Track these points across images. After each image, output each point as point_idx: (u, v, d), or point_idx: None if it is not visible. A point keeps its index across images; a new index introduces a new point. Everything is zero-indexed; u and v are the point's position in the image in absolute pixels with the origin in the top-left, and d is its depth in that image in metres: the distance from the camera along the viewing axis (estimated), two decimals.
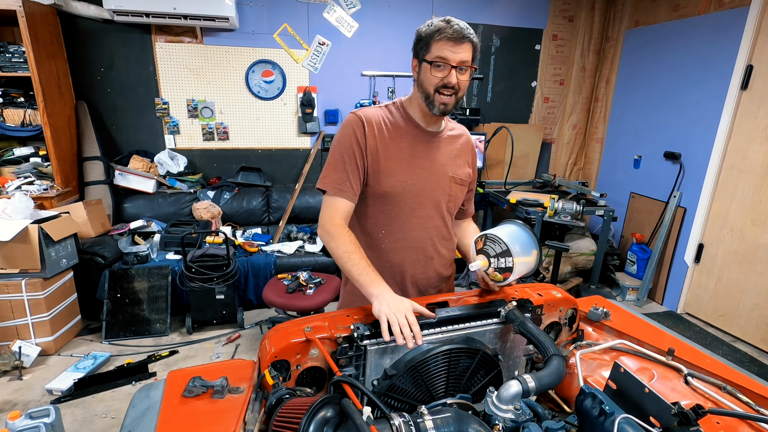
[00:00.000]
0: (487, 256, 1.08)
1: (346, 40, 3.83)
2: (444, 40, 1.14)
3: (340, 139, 1.25)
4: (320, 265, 3.33)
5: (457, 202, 1.37)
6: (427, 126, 1.30)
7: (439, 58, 1.15)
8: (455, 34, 1.13)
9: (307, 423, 0.72)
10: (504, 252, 1.05)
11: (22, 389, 2.40)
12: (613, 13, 4.21)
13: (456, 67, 1.15)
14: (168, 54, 3.56)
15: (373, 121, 1.25)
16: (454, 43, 1.14)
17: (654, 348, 1.10)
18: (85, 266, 2.94)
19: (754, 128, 2.98)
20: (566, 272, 3.86)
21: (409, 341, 0.91)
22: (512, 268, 1.04)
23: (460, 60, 1.14)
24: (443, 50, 1.14)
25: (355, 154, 1.23)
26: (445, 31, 1.14)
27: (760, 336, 3.01)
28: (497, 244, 1.07)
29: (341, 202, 1.22)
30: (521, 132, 4.24)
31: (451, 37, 1.14)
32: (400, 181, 1.25)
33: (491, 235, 1.08)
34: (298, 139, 4.00)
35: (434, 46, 1.15)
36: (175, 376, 0.97)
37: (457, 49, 1.14)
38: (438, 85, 1.17)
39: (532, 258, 1.08)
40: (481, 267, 1.09)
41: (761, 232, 2.97)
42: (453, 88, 1.17)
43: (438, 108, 1.20)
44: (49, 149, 3.09)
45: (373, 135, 1.24)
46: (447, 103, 1.19)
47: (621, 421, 0.73)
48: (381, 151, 1.24)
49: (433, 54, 1.16)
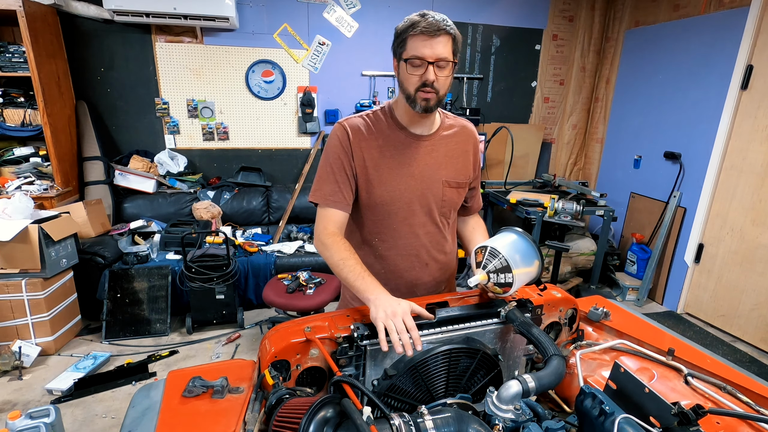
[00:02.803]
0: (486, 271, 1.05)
1: (346, 40, 3.83)
2: (418, 35, 1.09)
3: (328, 151, 1.25)
4: (320, 265, 3.33)
5: (453, 205, 1.33)
6: (416, 129, 1.25)
7: (414, 56, 1.10)
8: (429, 27, 1.07)
9: (307, 423, 0.72)
10: (504, 268, 1.02)
11: (22, 389, 2.40)
12: (613, 13, 4.21)
13: (433, 63, 1.10)
14: (168, 54, 3.56)
15: (359, 131, 1.23)
16: (429, 37, 1.08)
17: (654, 348, 1.10)
18: (85, 266, 2.94)
19: (754, 128, 2.98)
20: (566, 272, 3.86)
21: (407, 348, 0.89)
22: (512, 284, 1.02)
23: (436, 56, 1.09)
24: (418, 46, 1.09)
25: (344, 164, 1.22)
26: (419, 25, 1.08)
27: (760, 336, 3.01)
28: (497, 259, 1.03)
29: (334, 212, 1.21)
30: (521, 132, 4.24)
31: (424, 31, 1.08)
32: (388, 191, 1.23)
33: (491, 249, 1.05)
34: (298, 139, 4.00)
35: (409, 42, 1.10)
36: (175, 376, 0.97)
37: (432, 44, 1.08)
38: (417, 84, 1.12)
39: (533, 269, 1.06)
40: (481, 282, 1.06)
41: (761, 232, 2.97)
42: (433, 86, 1.11)
43: (420, 105, 1.14)
44: (49, 149, 3.09)
45: (359, 146, 1.22)
46: (429, 99, 1.13)
47: (621, 421, 0.73)
48: (368, 162, 1.22)
49: (409, 51, 1.11)
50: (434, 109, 1.18)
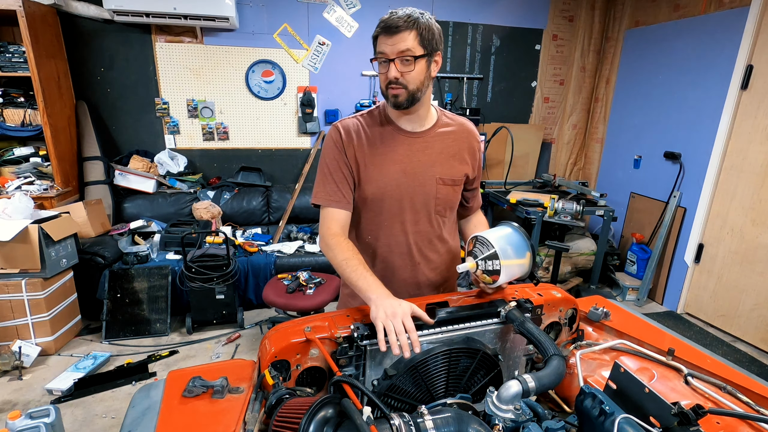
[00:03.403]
0: (475, 258, 1.08)
1: (346, 40, 3.83)
2: (381, 34, 1.12)
3: (324, 153, 1.27)
4: (320, 265, 3.33)
5: (449, 203, 1.32)
6: (405, 124, 1.26)
7: (379, 54, 1.13)
8: (389, 24, 1.09)
9: (307, 423, 0.72)
10: (491, 255, 1.04)
11: (22, 389, 2.40)
12: (613, 13, 4.21)
13: (393, 60, 1.11)
14: (168, 54, 3.56)
15: (351, 130, 1.25)
16: (389, 35, 1.10)
17: (654, 348, 1.10)
18: (85, 266, 2.94)
19: (754, 128, 2.98)
20: (566, 272, 3.86)
21: (405, 350, 0.89)
22: (500, 271, 1.04)
23: (397, 51, 1.10)
24: (380, 44, 1.12)
25: (340, 165, 1.23)
26: (380, 24, 1.11)
27: (760, 336, 3.01)
28: (485, 247, 1.06)
29: (336, 212, 1.22)
30: (521, 132, 4.24)
31: (384, 29, 1.10)
32: (379, 187, 1.24)
33: (481, 238, 1.08)
34: (298, 139, 4.00)
35: (377, 41, 1.13)
36: (175, 376, 0.97)
37: (393, 41, 1.09)
38: (385, 82, 1.15)
39: (525, 261, 1.07)
40: (469, 269, 1.08)
41: (761, 232, 2.97)
42: (399, 82, 1.13)
43: (390, 101, 1.18)
44: (49, 149, 3.09)
45: (352, 145, 1.24)
46: (397, 95, 1.15)
47: (621, 421, 0.73)
48: (360, 159, 1.24)
49: (375, 51, 1.15)
50: (405, 105, 1.18)
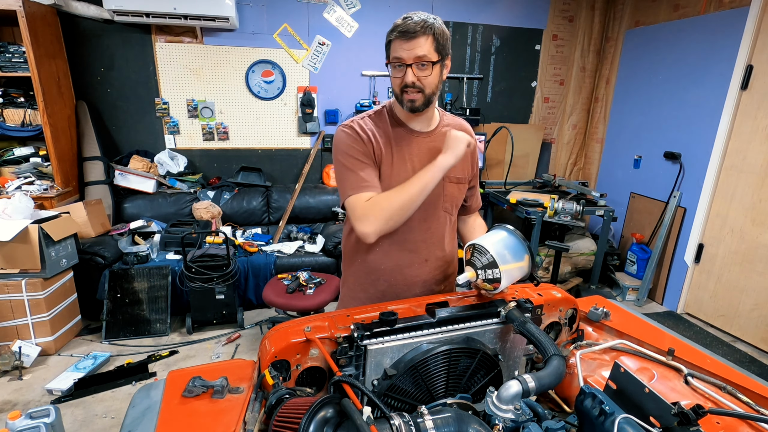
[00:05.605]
0: (474, 268, 1.06)
1: (346, 40, 3.83)
2: (396, 39, 1.12)
3: (339, 151, 1.23)
4: (320, 265, 3.33)
5: (455, 201, 1.34)
6: (415, 125, 1.27)
7: (395, 59, 1.14)
8: (406, 29, 1.10)
9: (307, 423, 0.72)
10: (491, 263, 1.03)
11: (22, 389, 2.40)
12: (613, 13, 4.21)
13: (411, 65, 1.12)
14: (168, 54, 3.56)
15: (366, 129, 1.24)
16: (406, 40, 1.11)
17: (654, 348, 1.10)
18: (85, 266, 2.94)
19: (754, 128, 2.98)
20: (566, 272, 3.86)
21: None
22: (500, 279, 1.03)
23: (414, 57, 1.11)
24: (397, 49, 1.13)
25: (359, 156, 1.22)
26: (398, 29, 1.12)
27: (760, 336, 3.01)
28: (484, 255, 1.04)
29: (365, 194, 1.19)
30: (521, 132, 4.24)
31: (402, 34, 1.11)
32: (391, 186, 1.23)
33: (478, 246, 1.06)
34: (298, 139, 4.00)
35: (392, 46, 1.15)
36: (175, 376, 0.97)
37: (410, 46, 1.11)
38: (401, 86, 1.16)
39: (524, 263, 1.07)
40: (469, 279, 1.06)
41: (761, 232, 2.97)
42: (415, 86, 1.14)
43: (406, 105, 1.18)
44: (49, 149, 3.09)
45: (371, 143, 1.24)
46: (414, 100, 1.17)
47: (621, 421, 0.73)
48: (377, 157, 1.24)
49: (391, 54, 1.16)
50: (421, 109, 1.20)
